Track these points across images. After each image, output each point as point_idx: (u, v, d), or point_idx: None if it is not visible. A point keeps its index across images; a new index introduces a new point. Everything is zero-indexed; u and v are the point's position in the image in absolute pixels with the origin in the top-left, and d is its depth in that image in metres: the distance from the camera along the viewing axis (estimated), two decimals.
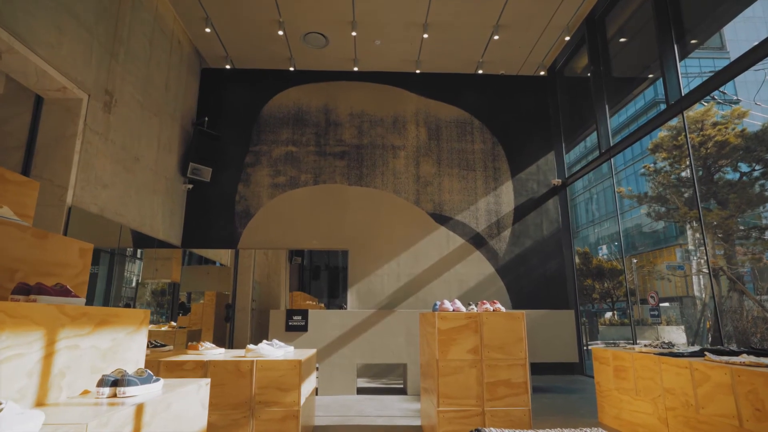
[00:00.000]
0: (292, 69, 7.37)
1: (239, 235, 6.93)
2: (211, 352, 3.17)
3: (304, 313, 5.29)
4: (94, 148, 4.55)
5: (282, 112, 7.37)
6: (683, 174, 10.27)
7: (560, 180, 7.28)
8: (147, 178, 5.73)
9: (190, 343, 3.20)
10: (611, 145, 6.03)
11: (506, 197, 7.22)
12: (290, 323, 5.22)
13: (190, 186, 6.90)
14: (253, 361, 2.86)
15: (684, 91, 4.56)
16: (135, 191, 5.45)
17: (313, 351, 3.59)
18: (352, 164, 7.20)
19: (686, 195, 10.46)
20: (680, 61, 4.66)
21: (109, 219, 4.87)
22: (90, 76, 4.45)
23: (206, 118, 6.98)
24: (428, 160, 7.28)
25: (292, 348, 3.44)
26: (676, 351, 2.97)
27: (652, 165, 10.75)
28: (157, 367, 2.81)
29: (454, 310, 3.03)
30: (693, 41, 4.95)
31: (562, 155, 7.42)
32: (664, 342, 3.22)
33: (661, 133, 10.44)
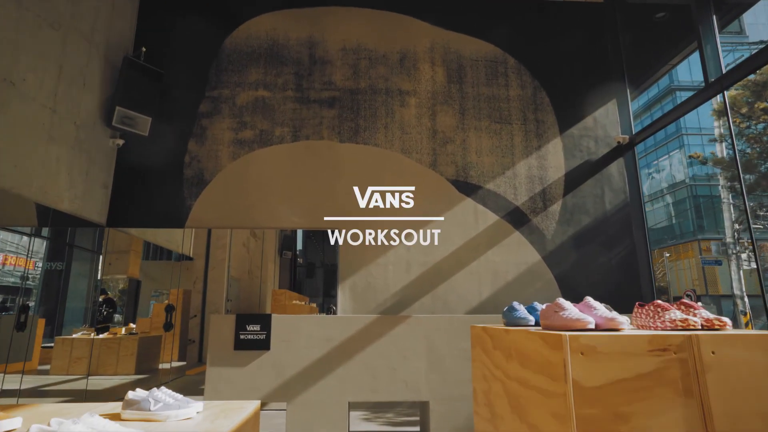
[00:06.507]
0: None
1: (189, 208, 5.01)
2: None
3: (264, 321, 3.35)
4: None
5: (251, 45, 5.44)
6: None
7: (627, 137, 5.38)
8: (35, 116, 3.81)
9: None
10: (723, 72, 4.12)
11: (554, 160, 5.32)
12: (241, 336, 3.28)
13: (121, 141, 4.98)
14: None
15: None
16: (8, 133, 3.53)
17: (253, 406, 1.68)
18: (344, 114, 5.29)
19: None
20: None
21: None
22: None
23: (144, 49, 5.05)
24: (448, 110, 5.37)
25: (195, 406, 1.54)
26: None
27: (744, 123, 8.82)
28: None
29: (598, 325, 1.11)
30: None
31: (627, 104, 5.52)
32: None
33: (731, 91, 8.59)
